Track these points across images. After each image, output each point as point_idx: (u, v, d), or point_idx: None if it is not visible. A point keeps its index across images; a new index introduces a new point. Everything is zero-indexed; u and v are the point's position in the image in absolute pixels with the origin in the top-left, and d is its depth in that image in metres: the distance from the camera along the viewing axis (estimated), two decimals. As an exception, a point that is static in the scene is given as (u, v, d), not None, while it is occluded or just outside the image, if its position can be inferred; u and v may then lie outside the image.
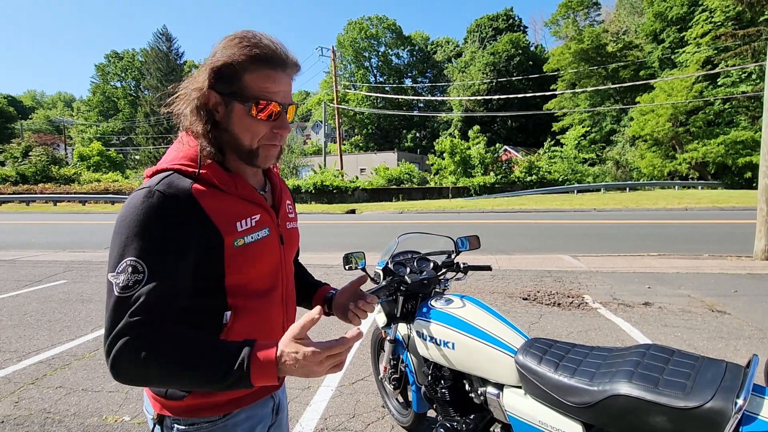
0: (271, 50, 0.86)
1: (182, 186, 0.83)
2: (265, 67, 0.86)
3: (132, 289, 0.77)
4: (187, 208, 0.82)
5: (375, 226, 13.52)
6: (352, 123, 58.33)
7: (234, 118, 0.87)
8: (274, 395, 1.05)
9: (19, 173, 33.98)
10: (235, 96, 0.85)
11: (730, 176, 27.92)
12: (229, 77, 0.85)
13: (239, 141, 0.89)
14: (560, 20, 44.73)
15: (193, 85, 0.87)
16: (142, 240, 0.78)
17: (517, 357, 1.48)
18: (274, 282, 1.00)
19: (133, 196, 0.81)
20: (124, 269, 0.77)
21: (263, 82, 0.86)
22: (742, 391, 1.00)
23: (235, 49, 0.84)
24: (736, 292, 5.09)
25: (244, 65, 0.84)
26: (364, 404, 2.76)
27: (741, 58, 26.10)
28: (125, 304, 0.76)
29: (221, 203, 0.87)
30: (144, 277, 0.77)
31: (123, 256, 0.77)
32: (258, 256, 0.93)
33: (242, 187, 0.92)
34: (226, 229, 0.87)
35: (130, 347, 0.75)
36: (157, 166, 0.89)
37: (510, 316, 4.26)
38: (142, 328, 0.77)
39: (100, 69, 63.55)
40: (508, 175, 29.74)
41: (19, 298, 5.43)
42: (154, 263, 0.78)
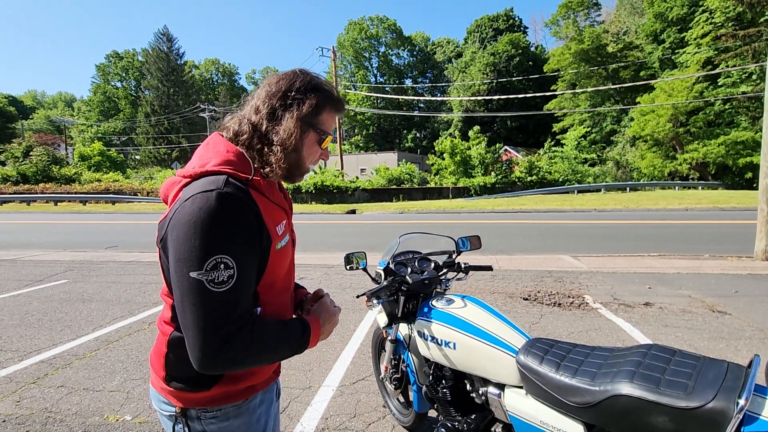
0: (338, 97, 1.07)
1: (244, 189, 0.91)
2: (335, 110, 1.06)
3: (227, 283, 0.83)
4: (252, 209, 0.90)
5: (375, 227, 13.52)
6: (353, 123, 58.34)
7: (306, 144, 1.03)
8: (277, 381, 1.20)
9: (20, 173, 34.00)
10: (314, 127, 1.02)
11: (731, 177, 27.91)
12: (315, 112, 1.01)
13: (302, 161, 1.04)
14: (560, 21, 44.73)
15: (296, 111, 0.99)
16: (224, 238, 0.84)
17: (519, 357, 1.48)
18: (289, 281, 1.12)
19: (203, 198, 0.85)
20: (215, 266, 0.82)
21: (331, 121, 1.07)
22: (744, 391, 1.00)
23: (325, 93, 1.02)
24: (736, 293, 5.08)
25: (325, 105, 1.03)
26: (365, 404, 2.76)
27: (741, 59, 26.08)
28: (228, 298, 0.83)
29: (268, 208, 0.96)
30: (234, 272, 0.84)
31: (209, 254, 0.82)
32: (286, 258, 1.04)
33: (276, 195, 1.03)
34: (273, 232, 0.96)
35: (246, 339, 0.85)
36: (200, 167, 0.93)
37: (510, 316, 4.26)
38: (250, 319, 0.87)
39: (101, 69, 63.64)
40: (508, 175, 29.71)
41: (21, 298, 5.44)
42: (240, 258, 0.85)
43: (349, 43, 58.06)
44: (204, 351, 0.82)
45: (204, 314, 0.82)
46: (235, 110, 1.07)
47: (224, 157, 0.94)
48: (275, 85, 1.01)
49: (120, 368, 3.36)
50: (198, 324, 0.82)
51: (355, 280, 6.02)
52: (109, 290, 5.76)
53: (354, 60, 59.56)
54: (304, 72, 1.04)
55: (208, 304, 0.82)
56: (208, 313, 0.82)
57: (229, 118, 1.05)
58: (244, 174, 0.93)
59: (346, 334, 4.00)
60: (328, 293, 1.26)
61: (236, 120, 1.02)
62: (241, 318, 0.86)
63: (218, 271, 0.82)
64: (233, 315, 0.84)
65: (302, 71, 1.04)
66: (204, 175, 0.91)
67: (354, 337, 3.90)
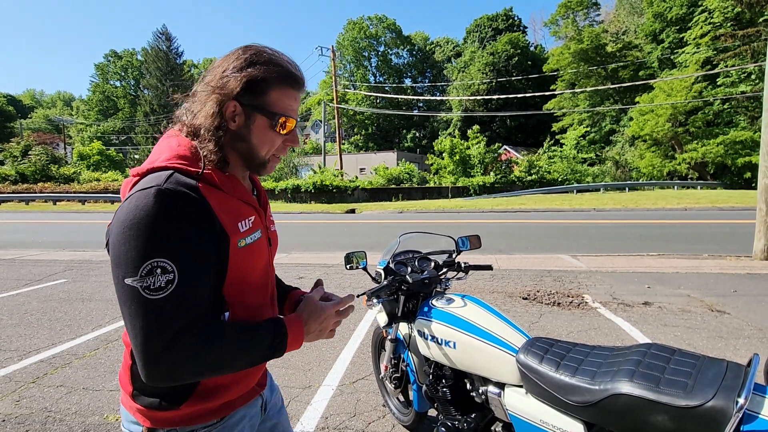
0: (295, 71, 0.93)
1: (190, 184, 0.82)
2: (290, 86, 0.92)
3: (165, 290, 0.75)
4: (199, 207, 0.81)
5: (375, 226, 13.52)
6: (352, 123, 58.32)
7: (255, 130, 0.91)
8: (262, 394, 1.08)
9: (19, 172, 33.96)
10: (260, 110, 0.89)
11: (730, 176, 27.96)
12: (257, 91, 0.88)
13: (256, 152, 0.93)
14: (560, 20, 44.77)
15: (220, 90, 0.87)
16: (162, 240, 0.76)
17: (519, 356, 1.48)
18: (265, 283, 1.02)
19: (140, 196, 0.78)
20: (151, 271, 0.75)
21: (287, 100, 0.92)
22: (743, 390, 1.01)
23: (267, 66, 0.88)
24: (735, 292, 5.09)
25: (273, 82, 0.89)
26: (365, 403, 2.76)
27: (740, 59, 26.11)
28: (166, 306, 0.76)
29: (224, 203, 0.87)
30: (175, 277, 0.76)
31: (145, 258, 0.75)
32: (254, 257, 0.94)
33: (239, 189, 0.93)
34: (232, 229, 0.87)
35: (193, 348, 0.77)
36: (149, 164, 0.85)
37: (510, 315, 4.27)
38: (198, 325, 0.79)
39: (100, 68, 63.51)
40: (507, 175, 29.74)
41: (20, 297, 5.43)
42: (183, 261, 0.77)
43: (348, 43, 58.02)
44: (145, 362, 0.75)
45: (142, 324, 0.75)
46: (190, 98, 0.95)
47: (175, 152, 0.87)
48: (214, 68, 0.90)
49: (119, 368, 3.35)
50: (137, 334, 0.75)
51: (355, 279, 6.03)
52: (109, 289, 5.76)
53: (353, 59, 59.51)
54: (248, 48, 0.91)
55: (144, 313, 0.75)
56: (145, 323, 0.75)
57: (180, 108, 0.96)
58: (194, 168, 0.85)
59: (346, 333, 4.00)
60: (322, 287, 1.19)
61: (183, 110, 0.94)
62: (187, 326, 0.78)
63: (154, 277, 0.75)
64: (175, 323, 0.76)
65: (246, 47, 0.91)
66: (152, 172, 0.84)
67: (354, 337, 3.90)
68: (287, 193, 26.96)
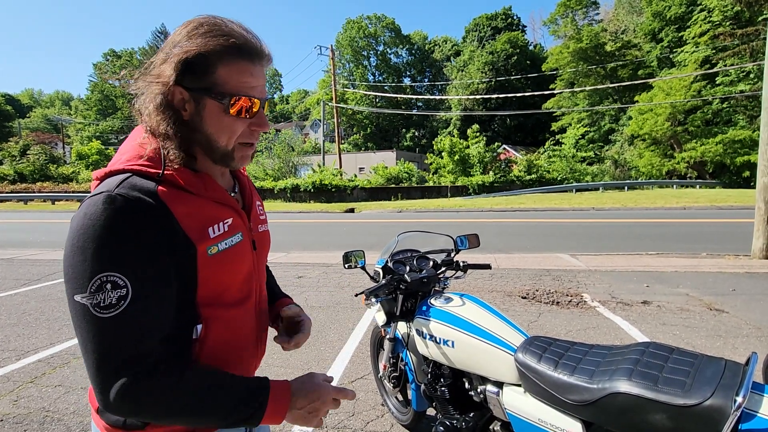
0: (247, 40, 0.77)
1: (146, 188, 0.72)
2: (242, 59, 0.76)
3: (116, 307, 0.67)
4: (154, 213, 0.72)
5: (374, 225, 13.52)
6: (351, 122, 58.29)
7: (207, 117, 0.77)
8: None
9: (17, 172, 33.95)
10: (208, 92, 0.75)
11: (728, 175, 28.00)
12: (200, 71, 0.74)
13: (214, 142, 0.80)
14: (559, 19, 44.73)
15: (156, 79, 0.75)
16: (113, 251, 0.68)
17: (517, 355, 1.48)
18: (248, 290, 0.92)
19: (89, 204, 0.70)
20: (100, 287, 0.67)
21: (241, 75, 0.76)
22: (741, 388, 1.01)
23: (207, 39, 0.73)
24: (734, 291, 5.10)
25: (218, 57, 0.74)
26: (364, 402, 2.76)
27: (739, 58, 26.12)
28: (113, 327, 0.67)
29: (191, 207, 0.77)
30: (128, 292, 0.68)
31: (95, 273, 0.67)
32: (232, 264, 0.84)
33: (212, 189, 0.82)
34: (198, 235, 0.77)
35: (147, 383, 0.69)
36: (109, 167, 0.77)
37: (509, 314, 4.27)
38: (146, 360, 0.70)
39: (99, 67, 63.35)
40: (506, 174, 29.75)
41: (18, 297, 5.42)
42: (138, 275, 0.69)
43: (347, 42, 57.95)
44: (97, 390, 0.68)
45: (93, 347, 0.67)
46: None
47: (136, 152, 0.77)
48: (160, 51, 0.78)
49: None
50: (88, 358, 0.68)
51: (354, 278, 6.02)
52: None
53: (352, 59, 59.44)
54: (191, 21, 0.77)
55: (96, 334, 0.67)
56: (96, 346, 0.67)
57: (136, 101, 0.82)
58: (155, 169, 0.75)
59: (345, 332, 4.00)
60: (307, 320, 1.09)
61: (136, 107, 0.82)
62: (141, 355, 0.69)
63: (104, 293, 0.66)
64: (128, 348, 0.68)
65: (189, 20, 0.77)
66: (111, 175, 0.75)
67: (352, 336, 3.90)
68: (286, 192, 26.95)
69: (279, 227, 13.21)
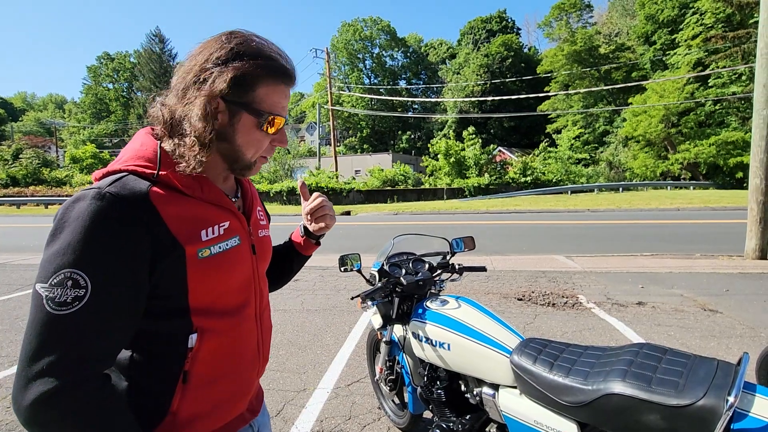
0: (287, 64, 0.83)
1: (138, 189, 0.72)
2: (280, 82, 0.82)
3: (70, 306, 0.64)
4: (141, 215, 0.71)
5: (370, 228, 13.52)
6: (347, 125, 58.35)
7: (240, 130, 0.81)
8: (252, 423, 0.96)
9: (10, 176, 33.69)
10: (246, 107, 0.79)
11: (722, 176, 28.26)
12: (244, 87, 0.78)
13: (241, 153, 0.83)
14: (553, 22, 45.09)
15: (202, 84, 0.77)
16: (86, 249, 0.66)
17: (512, 357, 1.49)
18: (246, 297, 0.89)
19: (79, 197, 0.69)
20: (61, 282, 0.64)
21: (276, 96, 0.82)
22: (734, 388, 1.01)
23: (256, 59, 0.78)
24: (727, 291, 5.14)
25: (262, 77, 0.79)
26: (360, 406, 2.75)
27: (731, 60, 26.43)
28: (60, 326, 0.64)
29: (183, 209, 0.77)
30: (86, 294, 0.65)
31: (61, 266, 0.65)
32: (227, 269, 0.82)
33: (209, 191, 0.82)
34: (188, 238, 0.76)
35: (60, 396, 0.63)
36: (108, 167, 0.77)
37: (505, 316, 4.28)
38: (82, 369, 0.65)
39: (92, 70, 63.13)
40: (502, 176, 29.86)
41: (11, 302, 5.37)
42: (99, 278, 0.66)
43: (342, 45, 58.07)
44: (19, 382, 0.64)
45: (31, 339, 0.64)
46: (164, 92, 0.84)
47: (136, 153, 0.78)
48: (194, 57, 0.79)
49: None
50: (24, 347, 0.65)
51: (350, 281, 6.02)
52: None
53: (348, 61, 59.57)
54: (233, 35, 0.80)
55: (39, 327, 0.64)
56: (35, 339, 0.64)
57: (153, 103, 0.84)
58: (152, 170, 0.75)
59: (341, 335, 3.99)
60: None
61: (157, 106, 0.82)
62: (80, 358, 0.65)
63: (62, 289, 0.64)
64: (66, 349, 0.64)
65: (230, 34, 0.80)
66: (107, 175, 0.75)
67: (349, 339, 3.90)
68: (282, 195, 26.91)
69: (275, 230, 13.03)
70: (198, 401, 0.81)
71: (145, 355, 0.78)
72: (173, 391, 0.78)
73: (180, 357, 0.79)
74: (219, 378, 0.84)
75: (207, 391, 0.82)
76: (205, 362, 0.81)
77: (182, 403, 0.79)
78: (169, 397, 0.78)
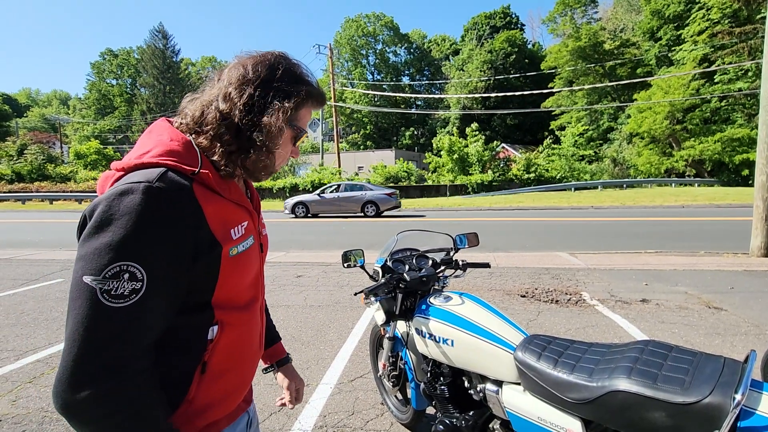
0: (321, 91, 0.93)
1: (184, 185, 0.75)
2: (316, 105, 0.93)
3: (127, 299, 0.66)
4: (190, 211, 0.74)
5: (373, 224, 13.51)
6: (350, 121, 58.24)
7: (283, 144, 0.89)
8: (248, 411, 1.01)
9: (15, 171, 33.87)
10: (291, 124, 0.88)
11: (727, 173, 28.08)
12: (296, 106, 0.88)
13: (272, 161, 0.89)
14: (557, 18, 44.76)
15: (286, 105, 0.85)
16: (141, 242, 0.67)
17: (516, 353, 1.48)
18: (256, 292, 0.96)
19: (126, 189, 0.69)
20: (117, 274, 0.65)
21: (308, 117, 0.94)
22: (740, 386, 1.01)
23: (308, 86, 0.89)
24: (732, 289, 5.11)
25: (308, 101, 0.90)
26: (363, 401, 2.76)
27: (738, 56, 26.19)
28: (117, 319, 0.65)
29: (218, 208, 0.80)
30: (142, 287, 0.67)
31: (116, 258, 0.65)
32: (245, 266, 0.87)
33: (235, 192, 0.87)
34: (224, 237, 0.80)
35: (117, 391, 0.65)
36: (137, 158, 0.77)
37: (508, 313, 4.27)
38: (137, 363, 0.67)
39: (96, 66, 63.23)
40: (505, 172, 29.76)
41: (16, 297, 5.41)
42: (155, 272, 0.68)
43: (346, 41, 57.88)
44: (69, 379, 0.64)
45: (85, 334, 0.64)
46: (195, 94, 0.88)
47: (167, 147, 0.79)
48: (252, 68, 0.85)
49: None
50: (74, 344, 0.64)
51: (353, 277, 6.02)
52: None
53: (351, 58, 59.39)
54: (285, 57, 0.89)
55: (93, 320, 0.64)
56: (90, 334, 0.64)
57: (188, 101, 0.88)
58: (189, 167, 0.77)
59: (344, 331, 4.00)
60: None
61: (198, 105, 0.85)
62: (137, 351, 0.67)
63: (120, 281, 0.65)
64: (125, 341, 0.66)
65: (282, 56, 0.89)
66: (139, 168, 0.75)
67: (352, 335, 3.90)
68: (285, 191, 26.93)
69: (278, 226, 13.20)
70: (211, 390, 0.84)
71: (170, 345, 0.80)
72: (191, 380, 0.81)
73: (202, 348, 0.82)
74: (231, 368, 0.87)
75: (220, 380, 0.85)
76: (221, 353, 0.84)
77: (198, 392, 0.82)
78: (187, 386, 0.81)
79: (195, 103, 0.86)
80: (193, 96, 0.89)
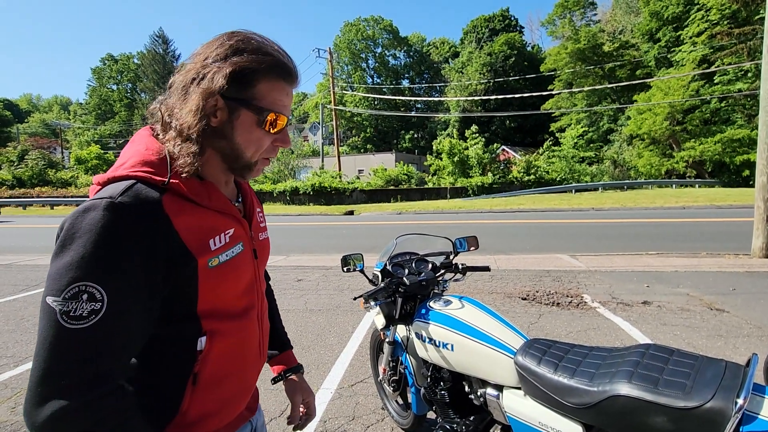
0: (288, 62, 0.81)
1: (151, 198, 0.71)
2: (282, 79, 0.80)
3: (86, 320, 0.63)
4: (156, 226, 0.70)
5: (373, 228, 13.51)
6: (350, 125, 58.35)
7: (239, 127, 0.79)
8: (251, 420, 0.98)
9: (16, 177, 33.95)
10: (246, 104, 0.77)
11: (728, 174, 28.03)
12: (244, 83, 0.76)
13: (241, 152, 0.81)
14: (557, 20, 44.88)
15: (201, 80, 0.76)
16: (100, 261, 0.65)
17: (517, 358, 1.47)
18: (250, 300, 0.91)
19: (89, 206, 0.67)
20: (76, 295, 0.63)
21: (277, 93, 0.80)
22: (742, 390, 1.00)
23: (256, 55, 0.77)
24: (734, 290, 5.09)
25: (263, 73, 0.77)
26: (364, 406, 2.75)
27: (737, 57, 26.21)
28: (76, 341, 0.63)
29: (194, 219, 0.76)
30: (102, 307, 0.64)
31: (75, 279, 0.63)
32: (233, 275, 0.83)
33: (215, 198, 0.81)
34: (199, 249, 0.76)
35: (76, 412, 0.62)
36: (112, 171, 0.75)
37: (509, 316, 4.26)
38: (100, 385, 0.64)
39: (96, 72, 63.49)
40: (506, 175, 29.74)
41: (17, 303, 5.41)
42: (115, 291, 0.65)
43: (345, 45, 58.04)
44: (31, 399, 0.62)
45: (46, 355, 0.62)
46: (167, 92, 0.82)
47: (142, 157, 0.75)
48: (195, 56, 0.78)
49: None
50: (37, 363, 0.63)
51: (353, 281, 6.01)
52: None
53: (351, 61, 59.55)
54: (234, 34, 0.79)
55: (53, 342, 0.63)
56: (50, 354, 0.62)
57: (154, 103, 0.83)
58: (161, 177, 0.74)
59: (344, 336, 3.98)
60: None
61: (156, 106, 0.81)
62: (97, 374, 0.64)
63: (78, 302, 0.63)
64: (82, 365, 0.63)
65: (231, 33, 0.79)
66: (113, 181, 0.73)
67: (352, 339, 3.89)
68: (285, 195, 26.95)
69: (278, 230, 13.20)
70: (206, 401, 0.82)
71: (156, 358, 0.78)
72: (183, 391, 0.79)
73: (190, 359, 0.80)
74: (225, 378, 0.85)
75: (214, 391, 0.83)
76: (213, 363, 0.82)
77: (191, 403, 0.80)
78: (179, 397, 0.79)
79: (155, 104, 0.83)
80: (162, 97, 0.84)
